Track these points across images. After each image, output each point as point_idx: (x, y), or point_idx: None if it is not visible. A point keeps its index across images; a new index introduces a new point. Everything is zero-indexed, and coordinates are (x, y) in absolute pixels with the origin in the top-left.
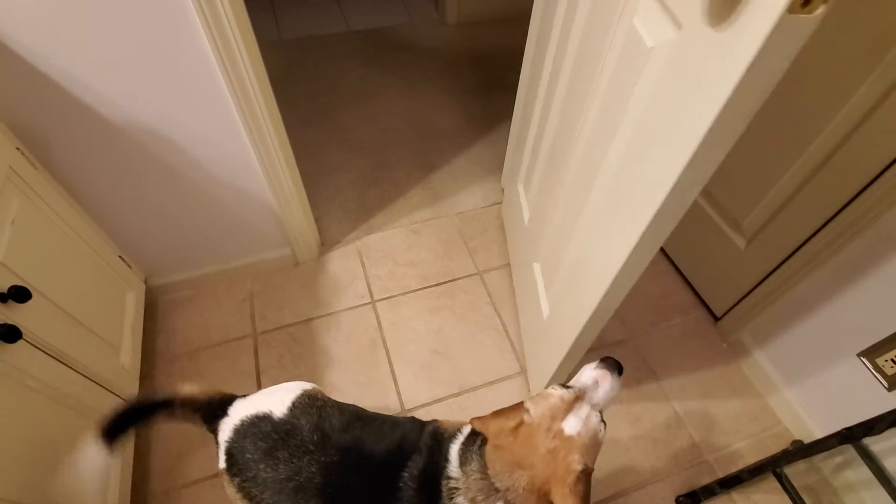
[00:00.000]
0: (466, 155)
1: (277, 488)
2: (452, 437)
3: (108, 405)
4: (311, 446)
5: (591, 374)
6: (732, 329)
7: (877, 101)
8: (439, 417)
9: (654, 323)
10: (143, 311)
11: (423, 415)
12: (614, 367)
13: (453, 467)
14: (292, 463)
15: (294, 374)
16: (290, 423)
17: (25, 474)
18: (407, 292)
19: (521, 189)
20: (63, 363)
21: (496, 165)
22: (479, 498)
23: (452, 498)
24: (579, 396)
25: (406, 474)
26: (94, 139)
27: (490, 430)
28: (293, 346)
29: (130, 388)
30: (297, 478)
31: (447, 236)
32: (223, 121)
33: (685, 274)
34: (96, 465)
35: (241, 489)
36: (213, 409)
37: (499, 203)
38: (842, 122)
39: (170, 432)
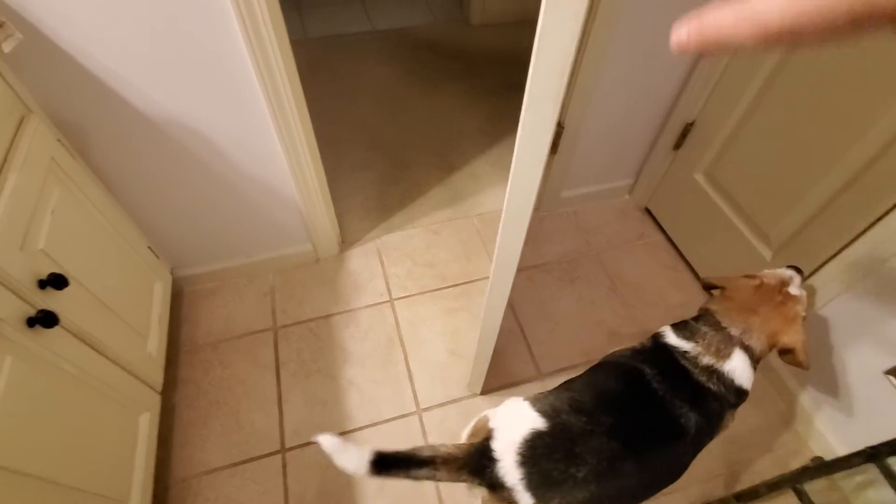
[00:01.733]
0: (488, 156)
1: (596, 475)
2: (657, 336)
3: (136, 391)
4: (587, 426)
5: (787, 271)
6: None
7: None
8: (453, 418)
9: None
10: (169, 302)
11: (439, 415)
12: (799, 271)
13: (683, 346)
14: (590, 448)
15: (313, 368)
16: (556, 423)
17: (61, 454)
18: (425, 292)
19: None
20: (95, 349)
21: None
22: (721, 346)
23: (699, 363)
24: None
25: (655, 385)
26: (130, 132)
27: (731, 284)
28: (312, 341)
29: (156, 376)
30: (604, 455)
31: (466, 237)
32: (254, 117)
33: None
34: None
35: None
36: (479, 460)
37: None
38: (878, 136)
39: (191, 420)
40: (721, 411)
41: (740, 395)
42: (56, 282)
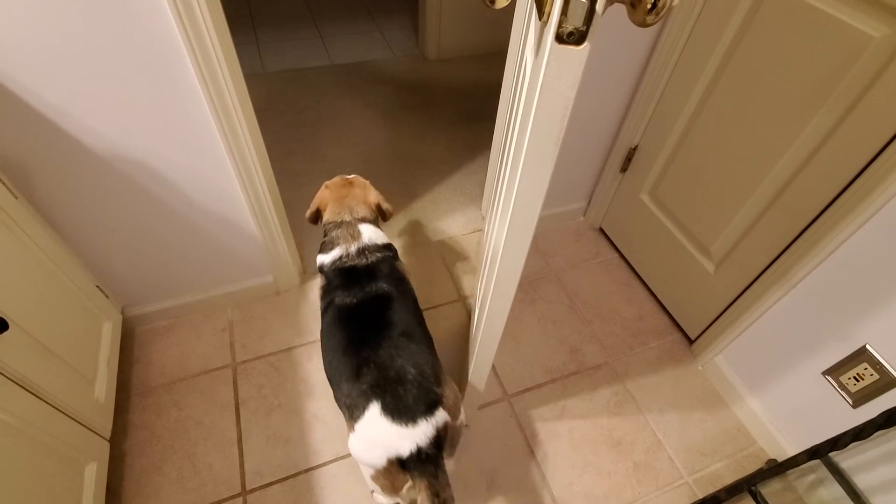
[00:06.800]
0: (447, 183)
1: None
2: (320, 267)
3: (82, 440)
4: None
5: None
6: (706, 351)
7: (826, 134)
8: None
9: (632, 347)
10: (119, 343)
11: None
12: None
13: (338, 255)
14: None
15: (275, 404)
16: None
17: None
18: None
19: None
20: (37, 396)
21: (477, 194)
22: (351, 232)
23: (352, 253)
24: None
25: (349, 301)
26: (77, 169)
27: (322, 200)
28: (273, 376)
29: (104, 423)
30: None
31: (430, 262)
32: (208, 151)
33: (660, 298)
34: None
35: None
36: None
37: (480, 230)
38: (796, 153)
39: (144, 467)
40: (391, 265)
41: (388, 247)
42: None
